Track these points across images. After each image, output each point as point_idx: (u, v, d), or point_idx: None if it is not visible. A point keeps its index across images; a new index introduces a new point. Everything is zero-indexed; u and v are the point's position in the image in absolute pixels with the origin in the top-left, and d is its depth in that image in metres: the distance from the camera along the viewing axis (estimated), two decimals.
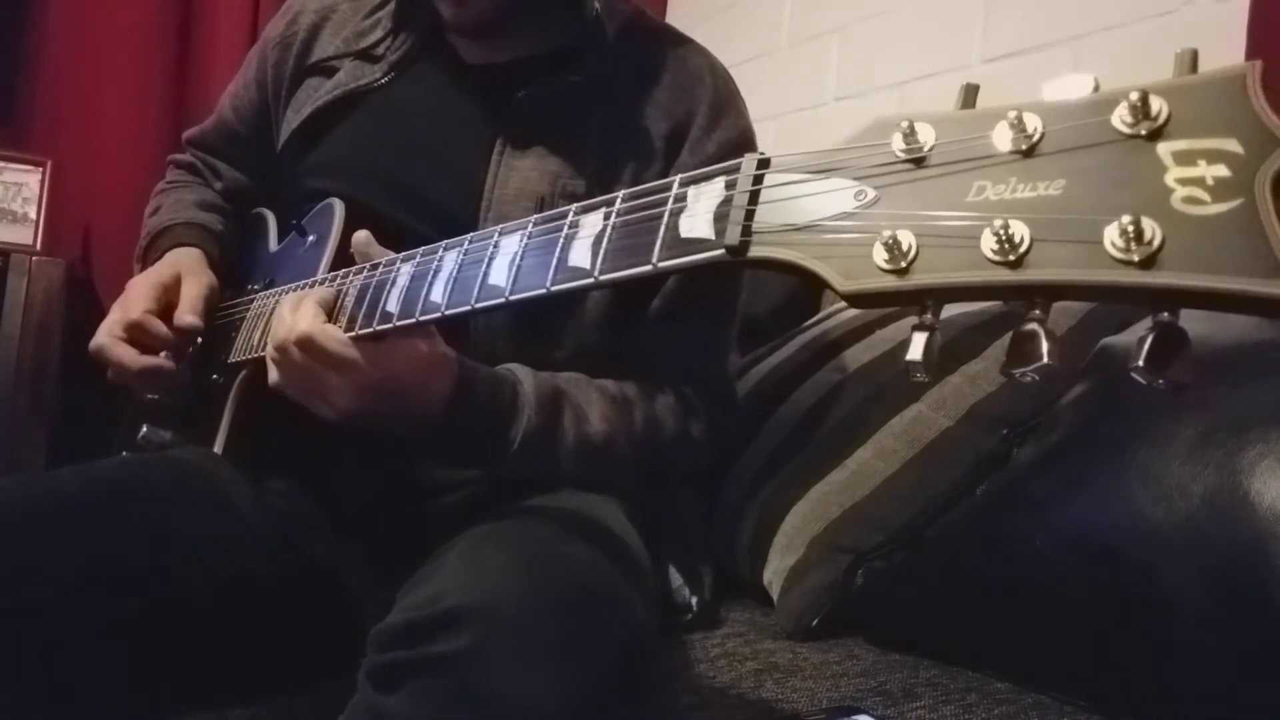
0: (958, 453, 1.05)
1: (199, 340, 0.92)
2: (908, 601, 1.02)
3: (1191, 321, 0.34)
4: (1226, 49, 1.08)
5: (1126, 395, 0.90)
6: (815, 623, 1.04)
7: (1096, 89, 0.38)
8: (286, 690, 0.84)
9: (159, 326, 0.88)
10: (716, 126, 0.90)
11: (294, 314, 0.69)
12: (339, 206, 0.88)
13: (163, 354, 0.88)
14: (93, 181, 1.91)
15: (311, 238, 0.90)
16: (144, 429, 1.00)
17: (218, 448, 0.87)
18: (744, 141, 0.92)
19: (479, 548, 0.66)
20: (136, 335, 0.88)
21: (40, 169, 1.85)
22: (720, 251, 0.46)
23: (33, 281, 1.72)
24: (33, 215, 1.84)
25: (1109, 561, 0.83)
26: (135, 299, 0.89)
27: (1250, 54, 1.04)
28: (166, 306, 0.90)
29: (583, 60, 0.88)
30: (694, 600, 1.08)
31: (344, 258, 0.82)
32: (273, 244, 1.02)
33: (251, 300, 0.93)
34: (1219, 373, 0.86)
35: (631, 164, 0.86)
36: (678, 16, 2.19)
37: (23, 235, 1.82)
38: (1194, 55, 0.36)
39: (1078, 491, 0.88)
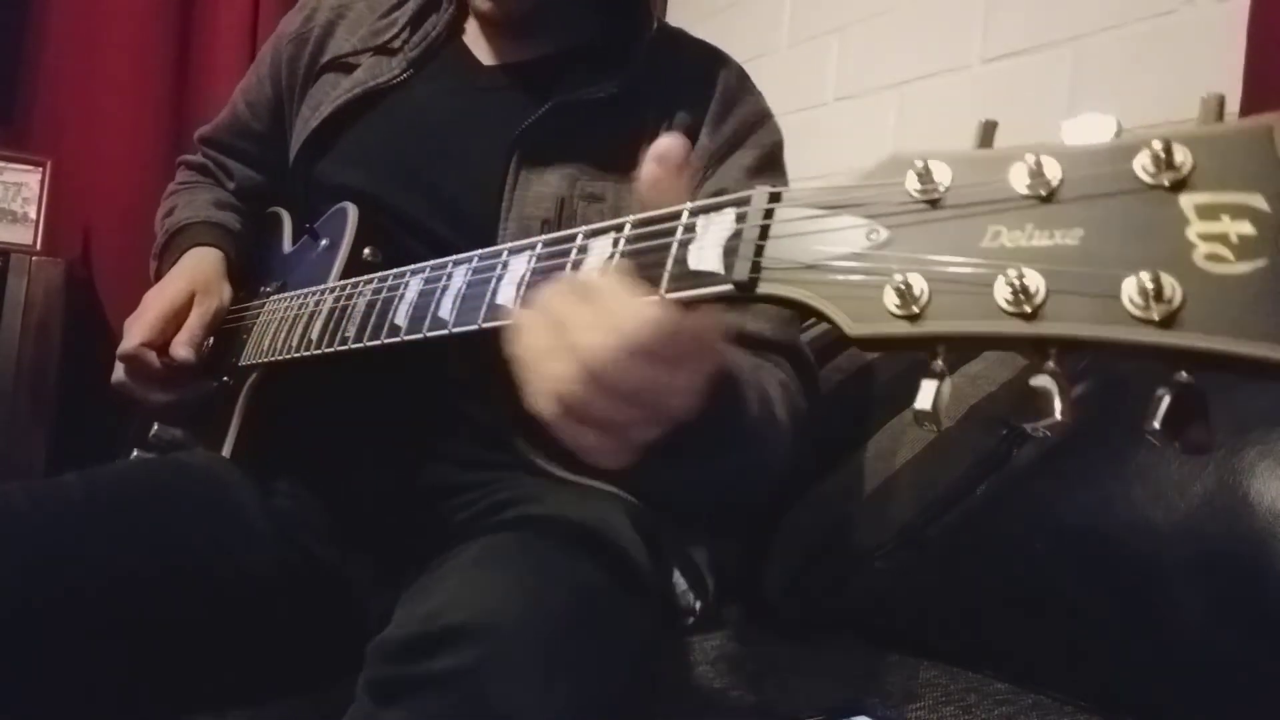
0: (958, 453, 1.05)
1: (210, 344, 0.93)
2: (908, 601, 1.02)
3: None
4: (1226, 49, 1.08)
5: (1126, 396, 0.90)
6: (815, 623, 1.04)
7: (1119, 132, 0.37)
8: (289, 691, 0.84)
9: (152, 360, 0.89)
10: (734, 107, 0.90)
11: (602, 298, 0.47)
12: (352, 211, 0.88)
13: (164, 386, 0.91)
14: (93, 181, 1.91)
15: (324, 241, 0.90)
16: (155, 427, 1.00)
17: (225, 451, 0.88)
18: (761, 118, 0.91)
19: (480, 563, 0.65)
20: (134, 368, 0.89)
21: (40, 169, 1.85)
22: (728, 286, 0.45)
23: (33, 281, 1.72)
24: (33, 215, 1.84)
25: (1109, 562, 0.83)
26: (136, 330, 0.89)
27: (1250, 54, 1.04)
28: (176, 331, 0.90)
29: (616, 66, 0.87)
30: (697, 604, 1.08)
31: (356, 262, 0.84)
32: (287, 245, 1.02)
33: (263, 304, 0.93)
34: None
35: None
36: (678, 16, 2.19)
37: (23, 235, 1.82)
38: (1220, 101, 0.35)
39: (1078, 491, 0.88)
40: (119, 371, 0.92)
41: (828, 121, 1.78)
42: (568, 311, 0.47)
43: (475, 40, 0.96)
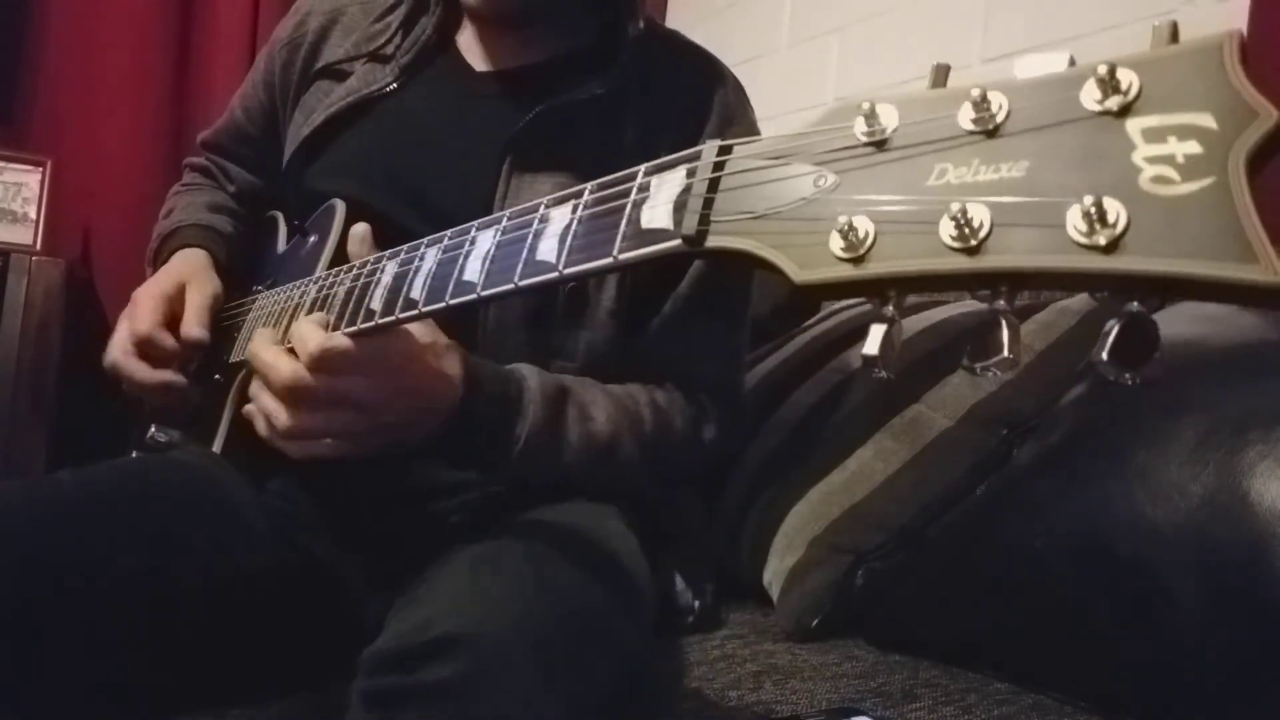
0: (958, 453, 1.05)
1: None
2: (908, 602, 1.02)
3: (1191, 323, 0.33)
4: None
5: (1126, 395, 0.90)
6: (815, 624, 1.04)
7: (1072, 65, 0.36)
8: (286, 689, 0.85)
9: (168, 340, 0.88)
10: (730, 127, 0.90)
11: (297, 340, 0.64)
12: (340, 207, 0.89)
13: (174, 368, 0.90)
14: (93, 181, 1.91)
15: (313, 238, 0.90)
16: (151, 429, 1.01)
17: (216, 447, 0.88)
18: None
19: (471, 572, 0.65)
20: (146, 350, 0.88)
21: (40, 169, 1.85)
22: (677, 242, 0.45)
23: (33, 281, 1.72)
24: (33, 215, 1.84)
25: (1108, 561, 0.83)
26: (142, 313, 0.89)
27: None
28: (171, 318, 0.90)
29: (605, 68, 0.87)
30: (696, 604, 1.08)
31: (342, 257, 0.83)
32: (281, 246, 1.03)
33: (254, 300, 0.93)
34: (1219, 373, 0.86)
35: None
36: (678, 16, 2.19)
37: (23, 235, 1.82)
38: (1173, 27, 0.34)
39: (1078, 492, 0.88)
40: (116, 351, 0.90)
41: None
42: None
43: (469, 47, 0.95)
